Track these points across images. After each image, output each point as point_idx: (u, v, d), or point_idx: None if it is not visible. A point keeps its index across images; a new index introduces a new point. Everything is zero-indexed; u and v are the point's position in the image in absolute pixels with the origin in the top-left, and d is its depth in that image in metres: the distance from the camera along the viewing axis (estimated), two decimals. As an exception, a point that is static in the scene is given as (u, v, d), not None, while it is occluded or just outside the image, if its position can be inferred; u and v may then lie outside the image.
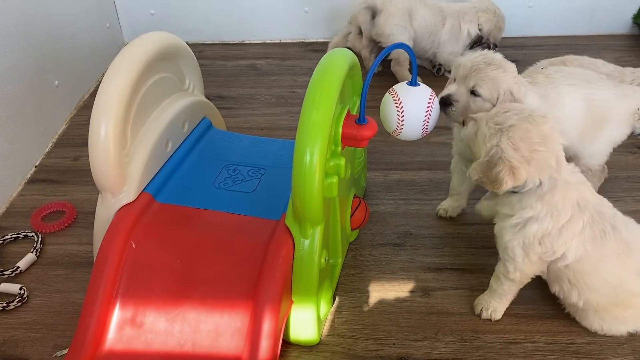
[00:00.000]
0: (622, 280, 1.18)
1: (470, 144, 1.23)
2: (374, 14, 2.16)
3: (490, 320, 1.30)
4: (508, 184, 1.10)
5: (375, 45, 2.25)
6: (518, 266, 1.20)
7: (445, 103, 1.34)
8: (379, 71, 2.33)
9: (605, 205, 1.21)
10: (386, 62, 2.38)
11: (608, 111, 1.44)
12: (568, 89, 1.44)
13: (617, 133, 1.48)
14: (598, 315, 1.23)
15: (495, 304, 1.30)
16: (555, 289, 1.24)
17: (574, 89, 1.44)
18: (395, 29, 2.15)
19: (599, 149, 1.49)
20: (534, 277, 1.24)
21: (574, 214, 1.14)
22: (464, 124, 1.30)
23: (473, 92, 1.33)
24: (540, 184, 1.12)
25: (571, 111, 1.44)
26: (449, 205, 1.60)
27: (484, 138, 1.14)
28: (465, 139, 1.26)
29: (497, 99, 1.31)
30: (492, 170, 1.11)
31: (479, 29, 2.25)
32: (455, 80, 1.37)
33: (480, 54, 1.36)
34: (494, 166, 1.11)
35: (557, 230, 1.14)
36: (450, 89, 1.35)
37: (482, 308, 1.31)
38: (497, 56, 1.37)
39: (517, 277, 1.22)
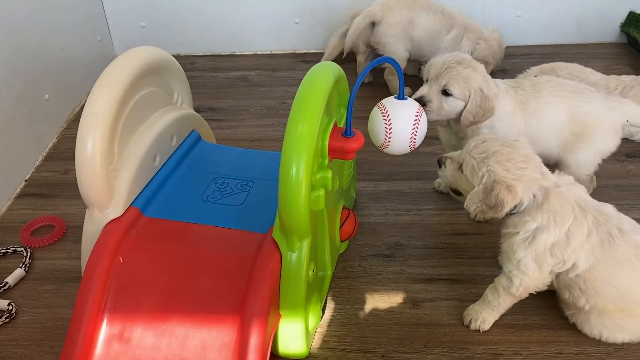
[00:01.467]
0: (632, 288, 1.18)
1: (452, 183, 1.28)
2: (374, 23, 2.20)
3: (478, 331, 1.30)
4: (509, 203, 1.14)
5: (372, 52, 2.29)
6: (524, 281, 1.21)
7: (419, 103, 1.36)
8: (369, 81, 2.35)
9: (607, 206, 1.23)
10: (377, 72, 2.40)
11: (594, 123, 1.45)
12: (552, 99, 1.45)
13: (605, 145, 1.50)
14: (601, 321, 1.23)
15: (486, 314, 1.30)
16: (565, 295, 1.25)
17: (559, 100, 1.45)
18: (392, 39, 2.19)
19: (586, 159, 1.50)
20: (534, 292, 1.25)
21: (576, 215, 1.16)
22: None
23: (445, 92, 1.37)
24: (534, 196, 1.16)
25: (550, 121, 1.46)
26: (443, 183, 1.65)
27: (472, 169, 1.20)
28: (445, 180, 1.31)
29: (469, 97, 1.36)
30: (490, 195, 1.15)
31: (471, 52, 2.26)
32: (427, 81, 1.40)
33: (450, 54, 1.40)
34: (490, 190, 1.15)
35: (565, 236, 1.16)
36: (422, 90, 1.39)
37: (471, 319, 1.31)
38: (467, 56, 1.41)
39: (520, 292, 1.23)
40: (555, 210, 1.16)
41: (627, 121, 1.48)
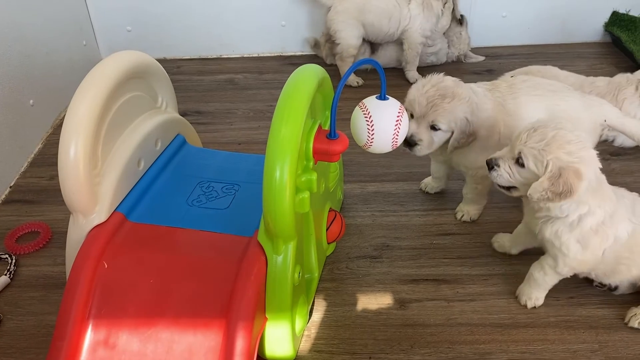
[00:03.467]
0: None
1: (510, 180, 1.25)
2: (328, 8, 2.32)
3: (535, 307, 1.35)
4: (579, 187, 1.13)
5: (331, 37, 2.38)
6: (568, 261, 1.24)
7: (410, 144, 1.42)
8: (359, 85, 2.35)
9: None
10: (366, 75, 2.40)
11: (573, 121, 1.46)
12: (530, 99, 1.47)
13: None
14: None
15: (537, 294, 1.34)
16: (614, 277, 1.28)
17: (537, 99, 1.47)
18: (341, 26, 2.28)
19: None
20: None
21: (619, 194, 1.21)
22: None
23: (433, 127, 1.40)
24: (595, 178, 1.17)
25: (529, 121, 1.46)
26: (429, 183, 1.72)
27: (535, 158, 1.18)
28: (500, 181, 1.27)
29: (455, 126, 1.40)
30: (558, 182, 1.14)
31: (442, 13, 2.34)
32: (412, 117, 1.41)
33: (431, 85, 1.40)
34: (557, 178, 1.14)
35: (609, 217, 1.19)
36: (411, 128, 1.40)
37: (526, 299, 1.35)
38: (449, 83, 1.41)
39: (566, 271, 1.27)
40: (605, 196, 1.19)
41: (605, 121, 1.50)
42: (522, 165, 1.21)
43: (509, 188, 1.29)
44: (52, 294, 1.44)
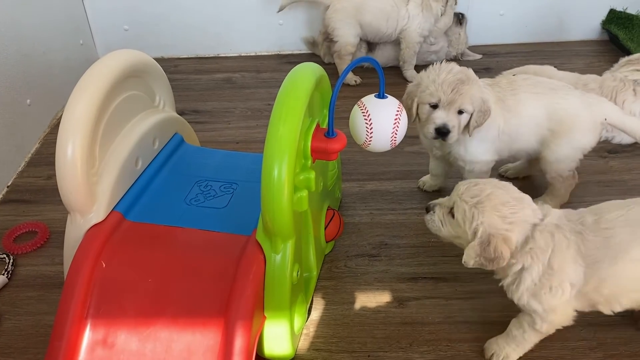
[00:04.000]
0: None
1: (441, 228, 1.21)
2: (327, 6, 2.32)
3: None
4: (506, 254, 1.09)
5: (329, 36, 2.38)
6: (545, 317, 1.15)
7: (443, 132, 1.42)
8: (357, 84, 2.35)
9: (569, 210, 1.21)
10: (364, 73, 2.40)
11: (573, 119, 1.47)
12: (530, 96, 1.47)
13: (584, 141, 1.51)
14: None
15: (510, 350, 1.22)
16: (606, 311, 1.17)
17: (536, 96, 1.47)
18: (339, 24, 2.29)
19: (566, 154, 1.51)
20: (561, 327, 1.18)
21: (555, 242, 1.11)
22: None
23: (459, 111, 1.41)
24: (526, 238, 1.11)
25: (529, 118, 1.48)
26: (427, 182, 1.73)
27: (464, 214, 1.13)
28: (434, 228, 1.23)
29: (476, 106, 1.41)
30: (488, 249, 1.09)
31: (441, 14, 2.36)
32: (434, 107, 1.40)
33: (446, 73, 1.41)
34: (487, 244, 1.09)
35: (547, 266, 1.11)
36: (441, 117, 1.40)
37: (493, 353, 1.24)
38: (465, 71, 1.43)
39: (545, 328, 1.17)
40: (537, 246, 1.11)
41: (605, 119, 1.49)
42: (454, 217, 1.17)
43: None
44: (50, 294, 1.44)
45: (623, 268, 1.09)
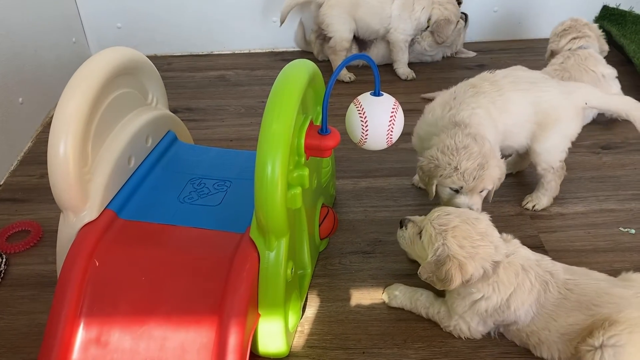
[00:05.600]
0: (572, 329, 1.16)
1: (409, 246, 1.28)
2: (320, 4, 2.32)
3: None
4: (457, 280, 1.15)
5: (322, 33, 2.38)
6: (456, 326, 1.26)
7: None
8: (351, 81, 2.35)
9: (545, 258, 1.25)
10: (358, 71, 2.40)
11: (557, 110, 1.50)
12: (515, 94, 1.49)
13: (570, 129, 1.54)
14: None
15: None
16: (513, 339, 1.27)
17: (521, 94, 1.49)
18: (334, 19, 2.29)
19: (555, 145, 1.54)
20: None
21: (519, 282, 1.18)
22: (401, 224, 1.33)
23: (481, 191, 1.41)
24: (484, 271, 1.17)
25: (519, 117, 1.49)
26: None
27: (429, 238, 1.20)
28: (402, 243, 1.31)
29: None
30: (441, 269, 1.16)
31: (429, 18, 2.34)
32: (457, 191, 1.39)
33: (466, 159, 1.35)
34: (442, 264, 1.16)
35: (506, 302, 1.19)
36: (465, 202, 1.38)
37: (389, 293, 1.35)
38: (482, 149, 1.37)
39: (450, 330, 1.28)
40: (502, 282, 1.18)
41: (586, 103, 1.53)
42: (420, 238, 1.24)
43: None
44: (43, 293, 1.43)
45: (558, 326, 1.17)
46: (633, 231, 1.56)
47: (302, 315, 1.35)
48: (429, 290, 1.33)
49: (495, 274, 1.18)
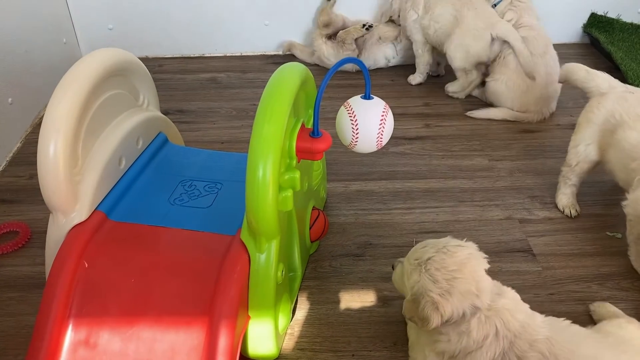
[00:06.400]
0: None
1: (400, 288, 1.21)
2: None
3: None
4: (435, 320, 1.04)
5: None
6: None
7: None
8: (349, 84, 2.35)
9: (536, 319, 1.10)
10: (350, 75, 2.41)
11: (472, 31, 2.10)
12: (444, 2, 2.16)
13: (467, 43, 2.11)
14: None
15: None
16: None
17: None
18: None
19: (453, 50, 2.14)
20: None
21: (485, 344, 1.05)
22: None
23: None
24: (464, 314, 1.05)
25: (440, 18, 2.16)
26: None
27: (407, 275, 1.12)
28: (396, 285, 1.25)
29: None
30: (419, 308, 1.06)
31: None
32: None
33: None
34: (419, 303, 1.06)
35: (464, 356, 1.07)
36: None
37: None
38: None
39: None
40: (469, 332, 1.06)
41: (496, 35, 2.05)
42: None
43: None
44: (31, 295, 1.42)
45: None
46: (620, 235, 1.58)
47: (292, 317, 1.35)
48: None
49: (467, 322, 1.05)
